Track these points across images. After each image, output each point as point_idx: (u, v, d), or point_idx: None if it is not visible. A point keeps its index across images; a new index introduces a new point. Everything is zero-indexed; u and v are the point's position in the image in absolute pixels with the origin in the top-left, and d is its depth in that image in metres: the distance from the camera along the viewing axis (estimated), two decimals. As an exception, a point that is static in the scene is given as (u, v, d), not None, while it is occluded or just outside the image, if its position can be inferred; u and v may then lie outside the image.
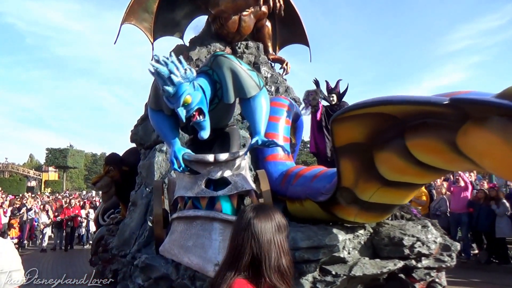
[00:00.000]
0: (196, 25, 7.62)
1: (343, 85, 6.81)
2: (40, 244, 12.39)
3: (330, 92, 6.75)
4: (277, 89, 6.75)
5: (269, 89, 6.55)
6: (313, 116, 6.52)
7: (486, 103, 2.19)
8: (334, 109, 6.40)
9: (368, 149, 3.20)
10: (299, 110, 6.27)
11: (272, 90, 6.67)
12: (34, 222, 13.01)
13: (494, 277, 7.24)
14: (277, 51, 7.85)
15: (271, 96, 6.08)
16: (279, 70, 7.42)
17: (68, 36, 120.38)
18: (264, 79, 6.56)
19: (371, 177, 3.32)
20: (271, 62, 7.37)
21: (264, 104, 3.75)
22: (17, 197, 17.44)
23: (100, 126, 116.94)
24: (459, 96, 2.39)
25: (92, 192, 24.97)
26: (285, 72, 7.38)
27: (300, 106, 6.55)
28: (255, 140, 3.59)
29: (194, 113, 3.43)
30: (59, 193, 28.44)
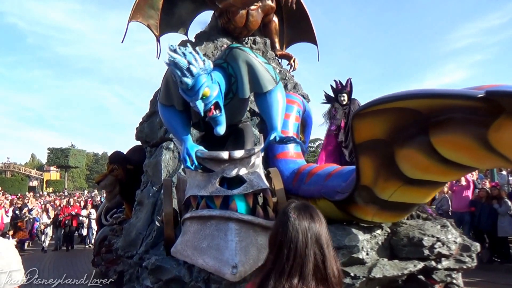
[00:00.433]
0: (200, 21, 7.49)
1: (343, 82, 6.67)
2: (41, 244, 12.30)
3: (340, 91, 6.60)
4: (285, 86, 6.58)
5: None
6: (335, 136, 6.39)
7: None
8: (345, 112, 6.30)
9: (389, 146, 3.05)
10: (308, 107, 6.13)
11: (280, 86, 6.54)
12: (35, 222, 12.93)
13: (496, 276, 7.18)
14: (284, 49, 7.70)
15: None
16: (286, 66, 7.28)
17: (69, 36, 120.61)
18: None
19: (391, 175, 3.17)
20: (279, 58, 7.23)
21: (280, 99, 3.59)
22: (18, 197, 17.33)
23: (101, 125, 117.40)
24: (496, 88, 2.25)
25: (94, 191, 24.84)
26: (293, 69, 7.22)
27: (309, 102, 6.42)
28: (273, 136, 3.44)
29: (211, 107, 3.25)
30: (59, 193, 28.35)
